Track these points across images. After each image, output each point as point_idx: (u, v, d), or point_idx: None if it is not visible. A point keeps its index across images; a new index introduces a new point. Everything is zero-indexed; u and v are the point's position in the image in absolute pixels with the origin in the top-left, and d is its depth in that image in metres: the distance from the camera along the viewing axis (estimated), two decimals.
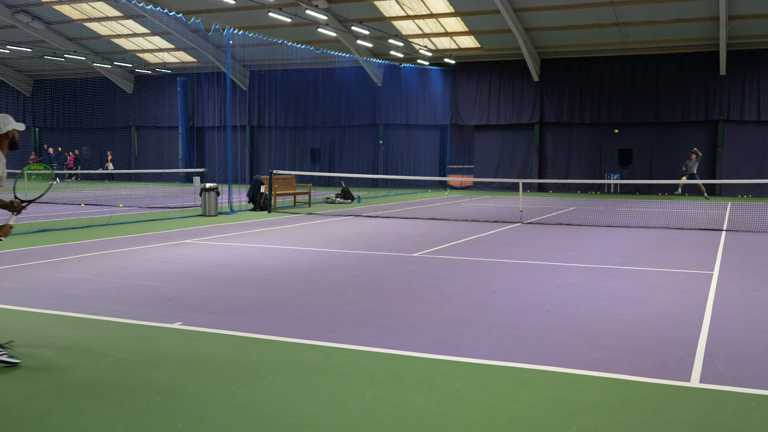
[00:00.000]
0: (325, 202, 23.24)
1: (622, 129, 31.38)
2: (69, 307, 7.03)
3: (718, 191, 29.49)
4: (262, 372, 5.01)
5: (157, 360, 5.29)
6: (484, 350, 5.59)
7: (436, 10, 29.24)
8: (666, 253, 11.34)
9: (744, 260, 10.54)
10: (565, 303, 7.37)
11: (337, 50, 31.23)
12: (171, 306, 7.12)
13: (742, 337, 6.01)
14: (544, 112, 32.30)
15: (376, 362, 5.25)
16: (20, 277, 8.68)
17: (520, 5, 27.69)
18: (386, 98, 35.17)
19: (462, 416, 4.20)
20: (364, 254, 10.95)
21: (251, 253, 11.07)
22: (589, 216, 18.48)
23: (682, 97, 29.90)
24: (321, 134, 36.50)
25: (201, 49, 35.07)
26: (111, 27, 34.87)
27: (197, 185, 26.91)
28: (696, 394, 4.60)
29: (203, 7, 30.10)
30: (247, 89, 37.45)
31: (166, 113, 39.84)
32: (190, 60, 37.84)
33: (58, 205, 20.91)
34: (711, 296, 7.78)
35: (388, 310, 7.02)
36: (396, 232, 14.35)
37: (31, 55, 37.28)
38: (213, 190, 17.65)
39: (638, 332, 6.16)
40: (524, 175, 32.22)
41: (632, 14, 27.23)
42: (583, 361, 5.29)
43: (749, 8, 25.82)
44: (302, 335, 5.99)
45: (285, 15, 24.98)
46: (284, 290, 8.00)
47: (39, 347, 5.62)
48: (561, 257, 10.71)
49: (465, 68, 33.66)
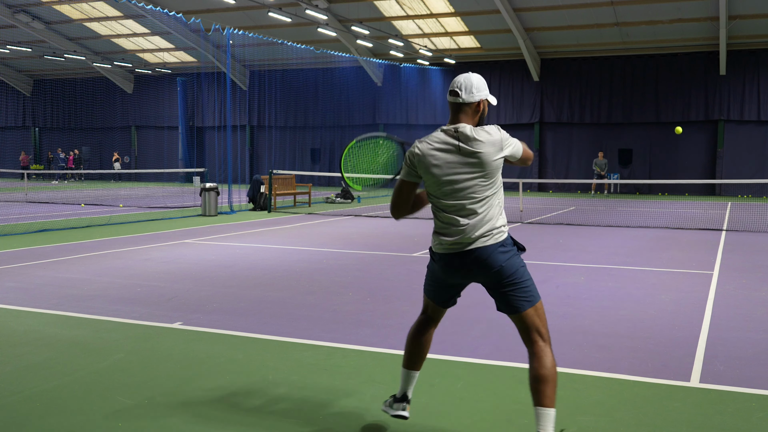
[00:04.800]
0: (325, 202, 23.23)
1: (621, 129, 31.36)
2: (69, 307, 7.02)
3: (718, 191, 29.49)
4: (262, 372, 5.00)
5: (157, 360, 5.29)
6: (484, 350, 5.59)
7: (436, 10, 29.24)
8: (666, 253, 11.34)
9: (744, 260, 10.54)
10: (565, 303, 7.37)
11: (337, 50, 31.23)
12: (171, 306, 7.12)
13: (742, 337, 6.01)
14: (544, 111, 32.30)
15: (376, 362, 5.25)
16: (20, 277, 8.68)
17: (520, 5, 27.69)
18: (386, 98, 35.17)
19: (462, 416, 4.20)
20: (364, 254, 10.95)
21: (251, 253, 11.07)
22: (589, 216, 18.48)
23: (682, 97, 29.90)
24: (321, 134, 36.50)
25: (201, 49, 35.07)
26: (111, 27, 34.87)
27: (197, 185, 26.92)
28: (696, 394, 4.60)
29: (203, 7, 30.09)
30: (247, 89, 37.45)
31: (166, 113, 39.84)
32: (190, 60, 37.84)
33: (58, 205, 20.91)
34: (711, 296, 7.78)
35: (388, 310, 7.02)
36: (396, 232, 14.34)
37: (31, 55, 37.28)
38: (213, 190, 17.65)
39: (638, 332, 6.16)
40: (524, 174, 32.22)
41: (632, 14, 27.23)
42: (583, 361, 5.28)
43: (749, 8, 25.82)
44: (302, 335, 5.99)
45: (285, 15, 24.98)
46: (284, 290, 8.00)
47: (39, 347, 5.62)
48: (561, 257, 10.71)
49: (465, 68, 33.59)
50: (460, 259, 3.58)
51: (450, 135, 3.56)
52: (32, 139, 44.15)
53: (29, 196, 24.53)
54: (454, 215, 3.56)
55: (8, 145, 43.05)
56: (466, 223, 3.53)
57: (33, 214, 17.53)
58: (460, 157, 3.53)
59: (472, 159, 3.51)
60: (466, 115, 3.60)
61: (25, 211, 18.51)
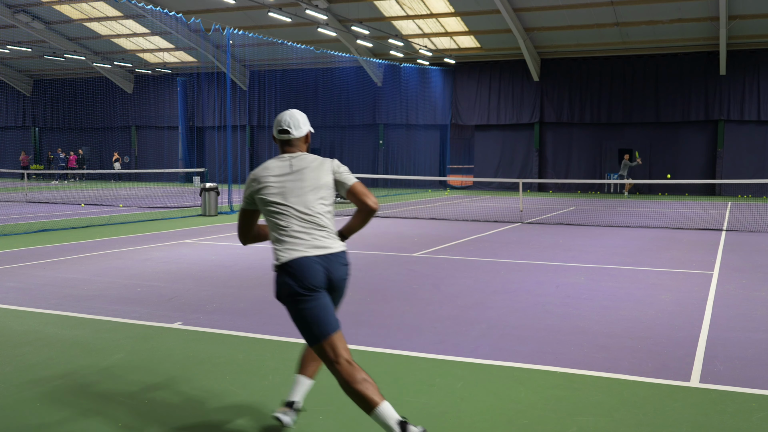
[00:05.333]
0: None
1: (621, 129, 31.37)
2: (69, 307, 7.02)
3: (718, 191, 29.49)
4: (262, 372, 5.00)
5: (157, 360, 5.29)
6: (484, 350, 5.59)
7: (436, 10, 29.24)
8: (666, 253, 11.34)
9: (744, 260, 10.54)
10: (565, 303, 7.37)
11: (337, 50, 31.23)
12: (171, 306, 7.12)
13: (742, 337, 6.01)
14: (544, 112, 32.29)
15: (376, 362, 5.25)
16: (20, 277, 8.68)
17: (520, 5, 27.69)
18: (386, 98, 35.17)
19: (462, 416, 4.20)
20: (364, 254, 10.95)
21: (251, 253, 11.07)
22: (589, 216, 18.48)
23: (682, 97, 29.89)
24: (321, 134, 36.49)
25: (201, 49, 35.07)
26: (111, 27, 34.87)
27: (197, 185, 26.91)
28: (696, 394, 4.60)
29: (203, 7, 30.10)
30: (247, 89, 37.45)
31: (166, 113, 39.83)
32: (190, 60, 37.84)
33: (58, 205, 20.92)
34: (711, 296, 7.78)
35: (388, 310, 7.02)
36: (396, 232, 14.34)
37: (31, 55, 37.28)
38: (213, 190, 17.65)
39: (638, 332, 6.16)
40: (524, 175, 32.22)
41: (632, 14, 27.23)
42: (583, 361, 5.28)
43: (749, 8, 25.82)
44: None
45: (285, 15, 24.98)
46: None
47: (39, 347, 5.62)
48: (561, 257, 10.71)
49: (465, 68, 33.66)
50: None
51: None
52: (32, 139, 44.15)
53: (29, 196, 24.53)
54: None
55: (8, 145, 43.07)
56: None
57: (33, 214, 17.53)
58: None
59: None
60: (299, 148, 3.87)
61: (25, 211, 18.51)
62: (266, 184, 3.72)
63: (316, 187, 3.72)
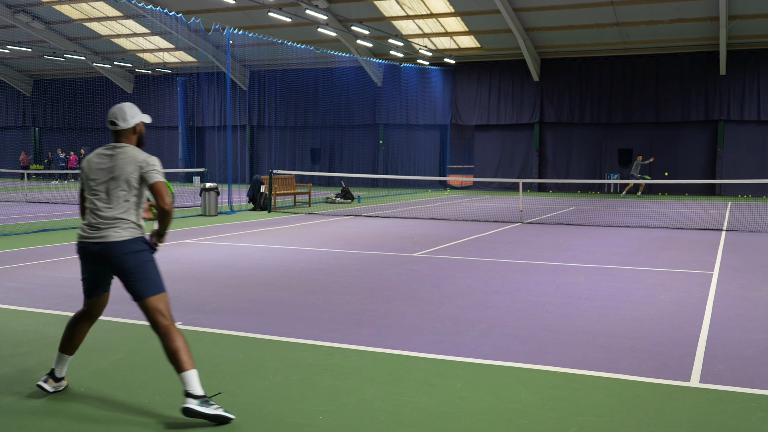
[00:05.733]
0: (325, 202, 23.23)
1: (621, 129, 31.37)
2: (69, 307, 7.02)
3: (718, 191, 29.50)
4: (262, 372, 5.01)
5: (157, 360, 5.28)
6: (484, 350, 5.59)
7: (436, 10, 29.24)
8: (666, 253, 11.34)
9: (744, 260, 10.54)
10: (565, 303, 7.37)
11: (337, 50, 31.23)
12: (171, 306, 7.11)
13: (742, 337, 6.01)
14: (544, 112, 32.30)
15: (376, 362, 5.25)
16: (20, 277, 8.68)
17: (520, 5, 27.69)
18: (386, 98, 35.17)
19: (462, 416, 4.20)
20: (364, 254, 10.95)
21: (251, 253, 11.07)
22: (589, 216, 18.48)
23: (682, 97, 29.89)
24: (321, 134, 36.51)
25: (201, 49, 35.07)
26: (111, 27, 34.87)
27: (197, 185, 26.91)
28: (696, 394, 4.60)
29: (203, 7, 30.10)
30: (247, 89, 37.45)
31: (166, 113, 39.81)
32: (190, 60, 37.84)
33: (58, 205, 20.91)
34: (711, 296, 7.78)
35: (388, 310, 7.02)
36: (396, 232, 14.35)
37: (31, 55, 37.28)
38: (213, 190, 17.65)
39: (638, 332, 6.16)
40: (524, 175, 32.22)
41: (632, 14, 27.23)
42: (583, 361, 5.28)
43: (749, 8, 25.82)
44: (302, 335, 5.99)
45: (285, 15, 24.98)
46: (284, 290, 8.00)
47: (39, 347, 5.62)
48: (561, 257, 10.71)
49: (465, 68, 33.66)
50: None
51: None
52: (32, 139, 44.16)
53: (29, 196, 24.53)
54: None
55: (8, 145, 43.06)
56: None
57: (33, 214, 17.53)
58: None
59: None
60: (127, 138, 4.37)
61: (25, 211, 18.51)
62: (88, 170, 4.32)
63: (119, 177, 4.22)
